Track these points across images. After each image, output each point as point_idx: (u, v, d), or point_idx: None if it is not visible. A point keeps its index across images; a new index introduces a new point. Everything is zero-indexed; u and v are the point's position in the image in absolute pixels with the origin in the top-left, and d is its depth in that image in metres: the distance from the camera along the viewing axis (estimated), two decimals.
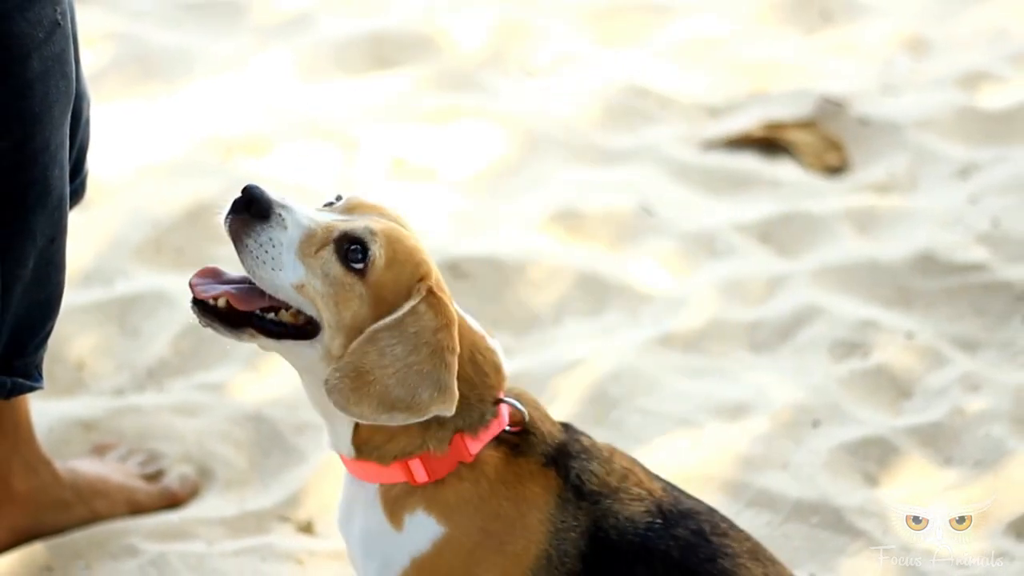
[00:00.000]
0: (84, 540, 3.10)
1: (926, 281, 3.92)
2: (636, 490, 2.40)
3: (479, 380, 2.38)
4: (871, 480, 3.33)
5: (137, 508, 3.22)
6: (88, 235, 3.97)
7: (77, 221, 2.66)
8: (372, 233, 2.30)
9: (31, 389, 2.48)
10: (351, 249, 2.28)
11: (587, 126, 4.70)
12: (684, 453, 3.36)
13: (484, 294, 3.88)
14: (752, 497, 3.24)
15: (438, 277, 2.35)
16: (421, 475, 2.36)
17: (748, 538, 2.44)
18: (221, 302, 2.31)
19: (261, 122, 4.67)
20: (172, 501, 3.26)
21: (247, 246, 2.27)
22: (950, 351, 3.68)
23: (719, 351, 3.74)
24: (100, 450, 3.35)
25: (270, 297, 2.30)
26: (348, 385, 2.25)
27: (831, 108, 4.66)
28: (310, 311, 2.30)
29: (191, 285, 2.32)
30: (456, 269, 3.92)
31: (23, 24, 2.28)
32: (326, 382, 2.27)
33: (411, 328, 2.27)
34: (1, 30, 2.26)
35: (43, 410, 3.35)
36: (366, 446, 2.38)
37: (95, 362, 3.67)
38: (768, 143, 4.58)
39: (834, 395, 3.53)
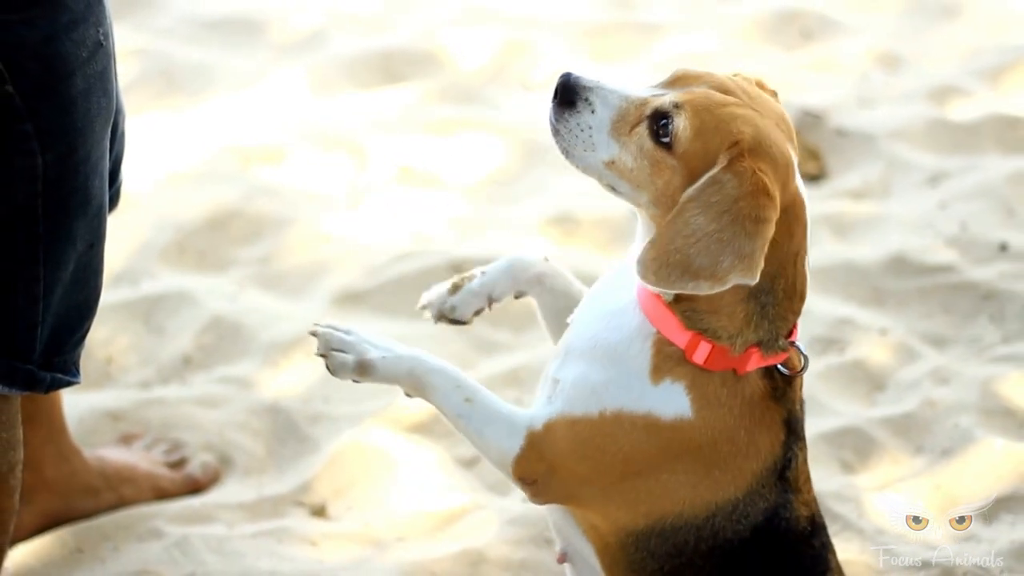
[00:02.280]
0: (112, 524, 3.11)
1: (898, 282, 3.93)
2: (806, 496, 2.38)
3: (786, 293, 2.27)
4: (847, 467, 3.33)
5: (162, 494, 3.22)
6: (116, 239, 3.96)
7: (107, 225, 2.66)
8: (677, 106, 2.20)
9: (68, 384, 2.48)
10: (661, 124, 2.20)
11: None
12: None
13: None
14: None
15: (762, 143, 2.19)
16: (700, 357, 2.25)
17: (835, 552, 2.47)
18: None
19: (277, 133, 4.67)
20: (194, 487, 3.27)
21: (559, 132, 2.25)
22: (921, 347, 3.69)
23: None
24: (127, 439, 3.36)
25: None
26: (651, 255, 2.17)
27: (810, 120, 4.66)
28: (617, 186, 2.25)
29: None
30: (459, 270, 3.92)
31: (68, 45, 2.28)
32: (638, 257, 2.20)
33: (712, 197, 2.15)
34: (48, 50, 2.26)
35: (74, 402, 3.35)
36: (685, 302, 2.26)
37: (122, 357, 3.67)
38: None
39: (812, 387, 3.53)
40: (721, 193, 2.15)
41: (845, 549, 3.05)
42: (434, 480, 3.24)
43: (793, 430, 2.33)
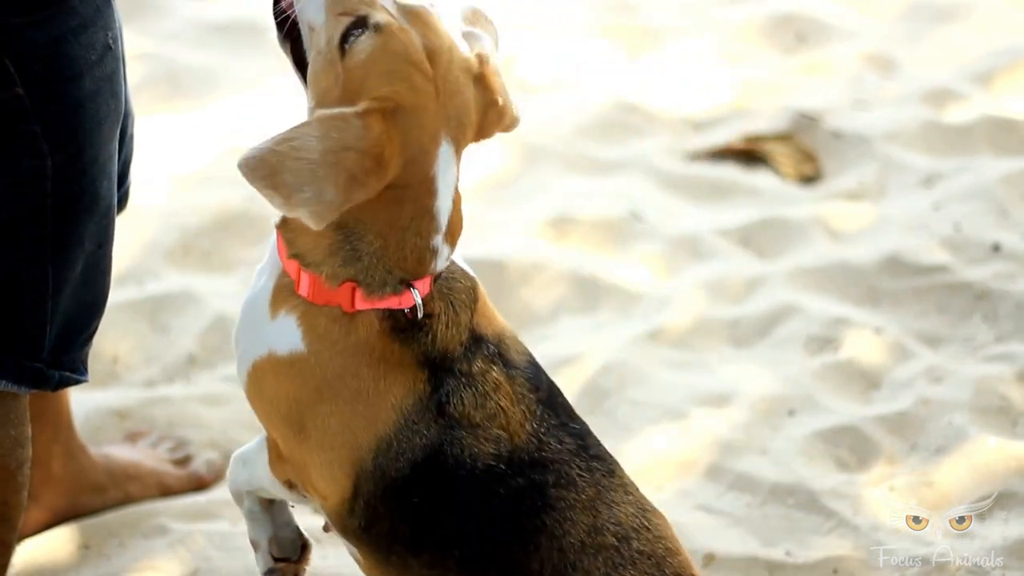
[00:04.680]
0: (118, 520, 3.11)
1: (893, 281, 3.93)
2: (496, 432, 2.20)
3: (396, 253, 2.16)
4: (843, 465, 3.33)
5: (167, 491, 3.22)
6: (122, 239, 3.96)
7: None
8: (378, 28, 2.09)
9: (76, 382, 2.49)
10: (355, 31, 2.09)
11: (581, 139, 4.70)
12: (671, 440, 3.36)
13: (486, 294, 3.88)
14: (733, 480, 3.25)
15: (411, 119, 2.09)
16: (304, 288, 2.18)
17: (597, 483, 2.22)
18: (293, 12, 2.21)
19: None
20: (199, 484, 3.27)
21: None
22: (915, 346, 3.69)
23: (703, 346, 3.74)
24: (133, 437, 3.36)
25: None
26: (259, 151, 2.07)
27: (806, 122, 4.66)
28: (308, 56, 2.18)
29: None
30: None
31: (77, 47, 2.29)
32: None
33: (333, 132, 2.03)
34: (57, 52, 2.27)
35: (80, 400, 3.35)
36: (287, 224, 2.23)
37: (128, 356, 3.67)
38: (748, 154, 4.58)
39: (808, 386, 3.53)
40: (341, 133, 2.03)
41: (840, 546, 3.05)
42: None
43: (442, 367, 2.20)
